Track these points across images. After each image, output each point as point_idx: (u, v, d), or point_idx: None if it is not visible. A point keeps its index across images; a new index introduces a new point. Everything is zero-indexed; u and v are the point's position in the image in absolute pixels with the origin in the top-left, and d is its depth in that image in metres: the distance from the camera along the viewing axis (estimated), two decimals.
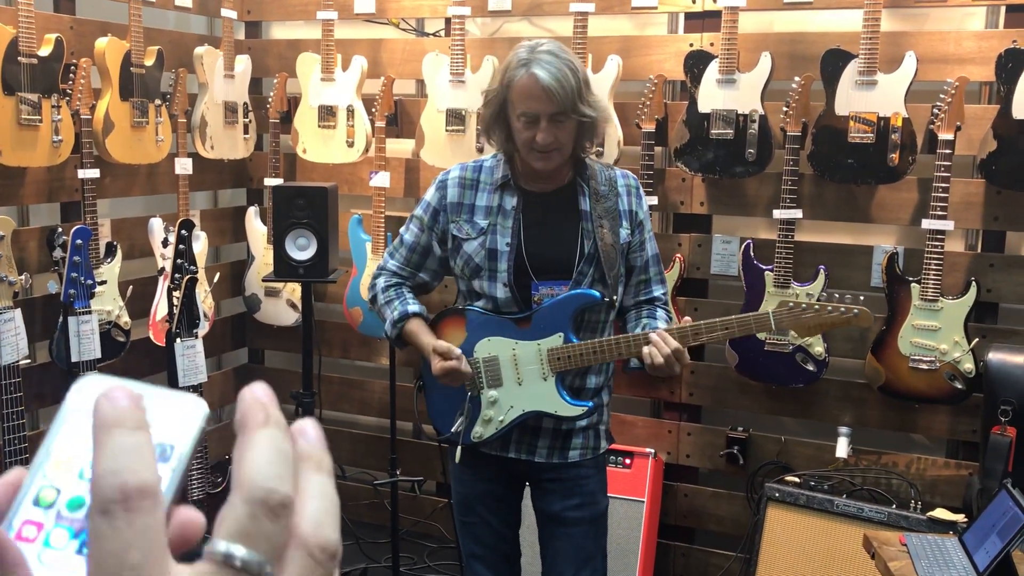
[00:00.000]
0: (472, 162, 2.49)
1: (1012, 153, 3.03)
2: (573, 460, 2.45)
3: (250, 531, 0.40)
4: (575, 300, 2.34)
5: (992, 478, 2.85)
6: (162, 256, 3.58)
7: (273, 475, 0.41)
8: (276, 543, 0.41)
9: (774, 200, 3.35)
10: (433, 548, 4.03)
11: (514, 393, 2.39)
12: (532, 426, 2.42)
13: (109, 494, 0.39)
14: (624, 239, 2.40)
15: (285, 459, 0.42)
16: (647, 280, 2.47)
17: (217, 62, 3.91)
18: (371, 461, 4.23)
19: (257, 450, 0.42)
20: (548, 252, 2.37)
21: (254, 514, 0.40)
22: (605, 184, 2.40)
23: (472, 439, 2.44)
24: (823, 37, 3.33)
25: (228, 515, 0.41)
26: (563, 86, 2.22)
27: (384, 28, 4.09)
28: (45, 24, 3.29)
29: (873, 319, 2.32)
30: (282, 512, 0.41)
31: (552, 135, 2.25)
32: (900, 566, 2.44)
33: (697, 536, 3.77)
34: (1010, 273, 3.22)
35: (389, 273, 2.52)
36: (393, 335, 2.48)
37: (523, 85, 2.25)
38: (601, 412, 2.50)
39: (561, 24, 3.74)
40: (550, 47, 2.28)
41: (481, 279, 2.40)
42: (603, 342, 2.32)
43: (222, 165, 4.09)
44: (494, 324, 2.40)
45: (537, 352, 2.36)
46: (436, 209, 2.45)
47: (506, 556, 2.60)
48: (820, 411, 3.49)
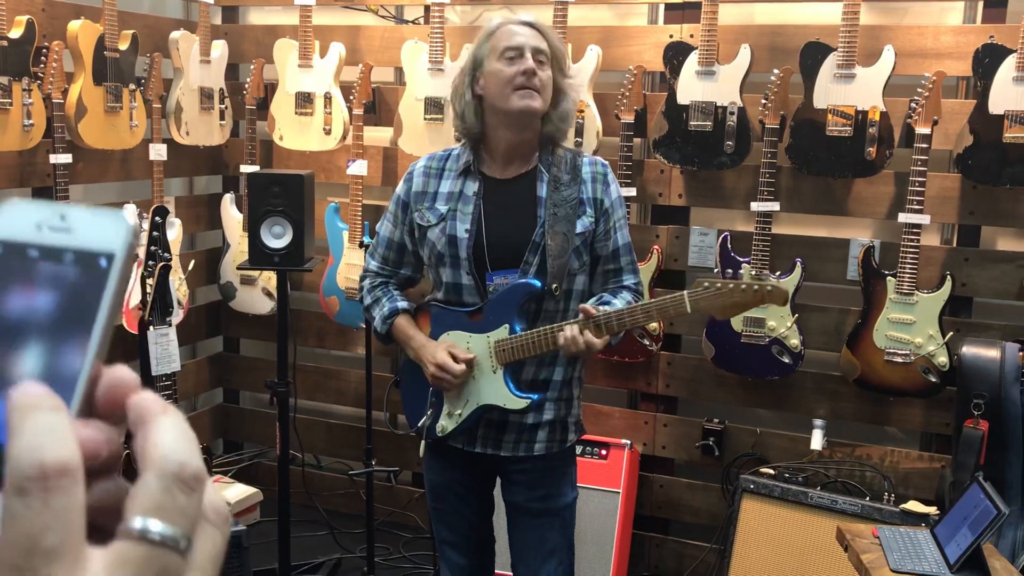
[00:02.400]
0: (442, 151, 2.48)
1: (988, 148, 3.04)
2: (539, 453, 2.43)
3: (165, 505, 0.40)
4: (516, 291, 2.31)
5: (964, 471, 2.87)
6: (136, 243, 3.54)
7: (184, 451, 0.41)
8: (192, 516, 0.41)
9: (752, 192, 3.35)
10: (408, 538, 4.02)
11: (470, 387, 2.38)
12: (497, 421, 2.40)
13: (27, 472, 0.38)
14: (586, 227, 2.35)
15: (191, 438, 0.42)
16: (617, 270, 2.41)
17: (193, 47, 3.87)
18: (347, 451, 4.22)
19: (164, 430, 0.41)
20: (504, 240, 2.34)
21: (168, 488, 0.40)
22: (568, 172, 2.36)
23: (437, 433, 2.44)
24: (802, 30, 3.33)
25: (141, 492, 0.40)
26: (549, 33, 2.33)
27: (363, 15, 4.06)
28: (16, 6, 3.23)
29: (788, 297, 2.23)
30: (196, 485, 0.41)
31: (539, 69, 2.27)
32: (872, 558, 2.45)
33: (672, 527, 3.79)
34: (984, 267, 3.24)
35: (372, 274, 2.53)
36: (383, 331, 2.48)
37: (509, 28, 2.31)
38: (570, 404, 2.47)
39: (540, 13, 3.68)
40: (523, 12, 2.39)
41: (444, 267, 2.38)
42: (538, 332, 2.29)
43: (197, 151, 4.05)
44: (451, 318, 2.40)
45: (487, 345, 2.35)
46: (404, 201, 2.45)
47: (478, 542, 2.60)
48: (795, 403, 3.50)
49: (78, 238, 0.45)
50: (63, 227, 0.45)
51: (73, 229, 0.45)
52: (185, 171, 4.18)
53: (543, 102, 2.29)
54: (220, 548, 0.43)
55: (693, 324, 3.51)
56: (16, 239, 0.45)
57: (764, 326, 3.31)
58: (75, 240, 0.45)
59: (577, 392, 2.50)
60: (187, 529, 0.40)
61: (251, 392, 4.52)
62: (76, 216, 0.45)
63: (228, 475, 4.20)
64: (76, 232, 0.45)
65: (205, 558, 0.42)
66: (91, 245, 0.45)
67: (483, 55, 2.32)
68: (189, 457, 0.41)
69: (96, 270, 0.45)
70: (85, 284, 0.44)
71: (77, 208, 0.46)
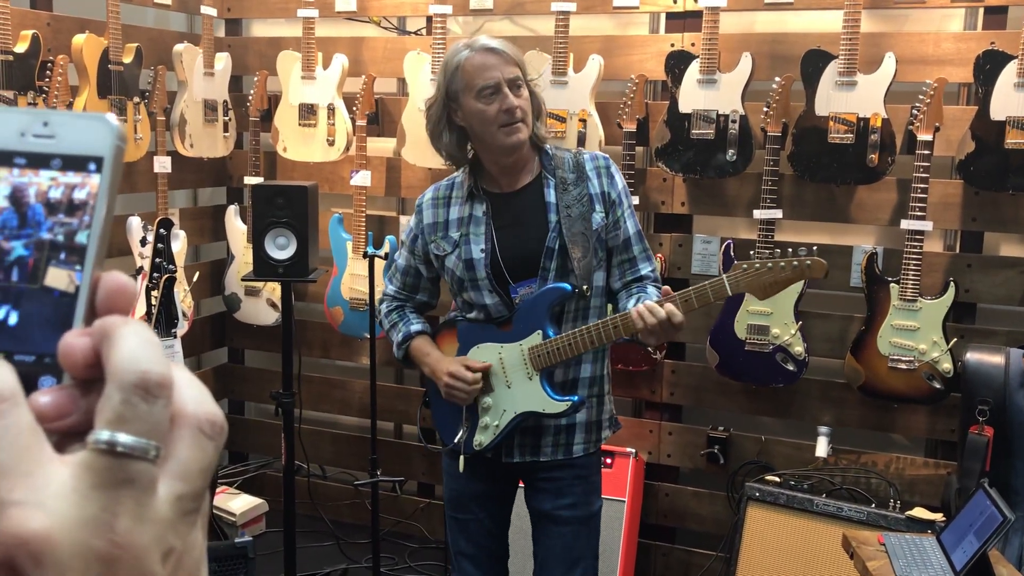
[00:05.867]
0: (445, 180, 2.51)
1: (990, 154, 3.05)
2: (578, 455, 2.44)
3: (126, 416, 0.39)
4: (546, 296, 2.33)
5: (970, 478, 2.86)
6: (140, 255, 3.55)
7: (145, 358, 0.40)
8: (156, 423, 0.40)
9: (754, 200, 3.36)
10: (414, 548, 4.01)
11: (505, 396, 2.39)
12: (533, 427, 2.41)
13: None
14: (599, 223, 2.37)
15: (155, 346, 0.41)
16: (631, 259, 2.42)
17: (197, 60, 3.89)
18: (352, 461, 4.22)
19: (125, 341, 0.41)
20: (520, 252, 2.36)
21: (128, 399, 0.40)
22: (573, 171, 2.38)
23: (474, 448, 2.44)
24: (803, 38, 3.34)
25: (104, 405, 0.40)
26: (511, 51, 2.30)
27: (365, 26, 4.07)
28: (21, 20, 3.25)
29: (827, 268, 2.25)
30: (160, 392, 0.40)
31: (516, 100, 2.28)
32: (878, 565, 2.45)
33: (678, 536, 3.78)
34: (988, 274, 3.24)
35: (390, 298, 2.58)
36: (400, 356, 2.52)
37: (473, 63, 2.28)
38: (602, 401, 2.48)
39: (542, 23, 3.73)
40: (482, 35, 2.37)
41: (467, 290, 2.40)
42: (577, 332, 2.30)
43: (202, 163, 4.06)
44: (480, 331, 2.42)
45: (520, 353, 2.36)
46: (416, 234, 2.49)
47: (495, 555, 2.60)
48: (800, 411, 3.50)
49: (64, 143, 0.44)
50: (47, 133, 0.44)
51: (58, 135, 0.44)
52: (189, 183, 4.19)
53: (528, 127, 2.32)
54: (211, 459, 0.43)
55: (697, 332, 3.52)
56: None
57: (768, 333, 3.31)
58: (61, 146, 0.44)
59: (608, 388, 2.51)
60: (154, 437, 0.40)
61: (256, 403, 4.53)
62: (59, 121, 0.44)
63: (234, 486, 4.20)
64: (61, 137, 0.44)
65: (193, 469, 0.42)
66: (78, 150, 0.44)
67: (457, 89, 2.31)
68: (151, 364, 0.40)
69: (86, 176, 0.44)
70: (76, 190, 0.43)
71: (60, 113, 0.44)
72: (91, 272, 0.43)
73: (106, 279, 0.44)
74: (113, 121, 0.44)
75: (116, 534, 0.39)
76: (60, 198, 0.44)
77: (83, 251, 0.44)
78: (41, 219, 0.44)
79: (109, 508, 0.39)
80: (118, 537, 0.39)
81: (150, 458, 0.40)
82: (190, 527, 0.42)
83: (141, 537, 0.39)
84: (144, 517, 0.40)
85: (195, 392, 0.43)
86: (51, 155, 0.44)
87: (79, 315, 0.43)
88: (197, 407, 0.42)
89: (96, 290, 0.44)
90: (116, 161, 0.44)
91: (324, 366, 4.35)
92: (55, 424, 0.41)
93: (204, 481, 0.42)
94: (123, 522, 0.39)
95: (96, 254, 0.44)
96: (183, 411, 0.42)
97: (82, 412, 0.42)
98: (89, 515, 0.39)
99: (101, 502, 0.39)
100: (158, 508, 0.40)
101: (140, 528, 0.39)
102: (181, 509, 0.41)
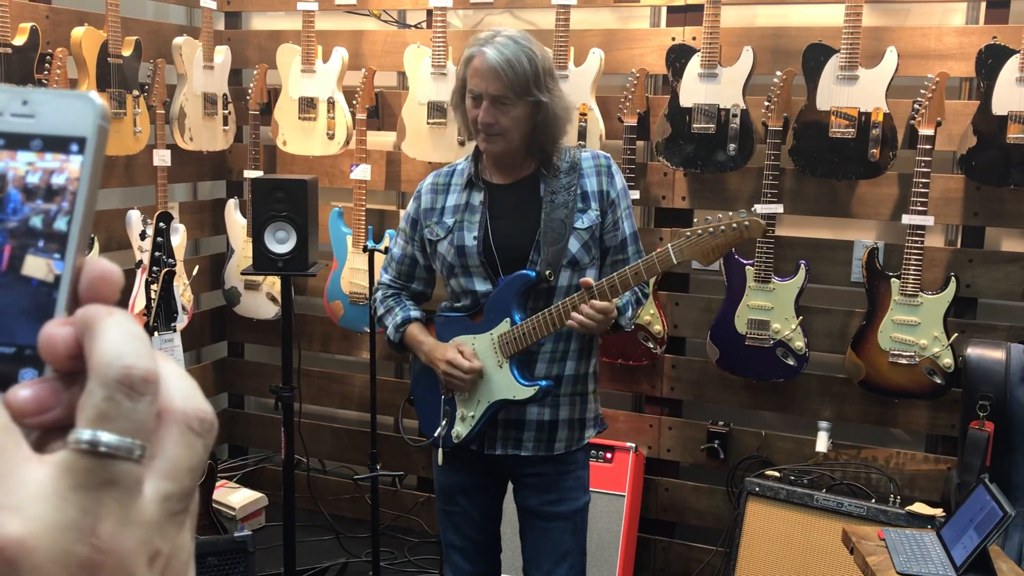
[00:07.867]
0: (446, 167, 2.53)
1: (992, 149, 3.04)
2: (559, 452, 2.45)
3: (109, 413, 0.38)
4: (512, 284, 2.35)
5: (970, 473, 2.86)
6: (140, 249, 3.55)
7: (129, 353, 0.38)
8: (142, 421, 0.38)
9: (755, 194, 3.35)
10: (414, 543, 4.02)
11: (480, 387, 2.41)
12: (515, 420, 2.42)
13: None
14: (592, 221, 2.37)
15: (139, 338, 0.39)
16: (625, 260, 2.42)
17: (196, 53, 3.87)
18: (351, 455, 4.22)
19: (107, 334, 0.39)
20: (510, 242, 2.38)
21: (111, 396, 0.38)
22: (566, 163, 2.39)
23: (453, 440, 2.45)
24: (805, 32, 3.33)
25: (85, 403, 0.38)
26: (513, 69, 2.24)
27: (365, 20, 4.06)
28: (20, 13, 3.24)
29: (764, 227, 2.29)
30: (145, 388, 0.38)
31: (492, 116, 2.27)
32: (878, 560, 2.45)
33: (678, 530, 3.78)
34: (989, 268, 3.23)
35: (385, 286, 2.59)
36: (396, 339, 2.52)
37: (474, 65, 2.30)
38: (585, 400, 2.49)
39: (543, 17, 3.72)
40: (513, 33, 2.32)
41: (457, 277, 2.42)
42: (540, 315, 2.31)
43: (201, 157, 4.05)
44: (454, 324, 2.44)
45: (491, 342, 2.38)
46: (414, 219, 2.51)
47: (485, 548, 2.60)
48: (800, 406, 3.50)
49: (44, 123, 0.42)
50: (27, 112, 0.42)
51: (38, 114, 0.42)
52: (189, 177, 4.18)
53: (506, 143, 2.32)
54: (200, 457, 0.41)
55: (698, 326, 3.51)
56: None
57: (769, 328, 3.31)
58: (41, 126, 0.42)
59: (592, 387, 2.51)
60: (139, 436, 0.38)
61: (256, 397, 4.53)
62: (40, 100, 0.42)
63: (233, 480, 4.20)
64: (42, 117, 0.42)
65: (181, 467, 0.40)
66: (59, 130, 0.42)
67: (463, 77, 2.36)
68: (136, 360, 0.38)
69: (67, 158, 0.42)
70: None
71: (40, 91, 0.43)
72: (73, 259, 0.42)
73: (89, 265, 0.42)
74: (96, 99, 0.43)
75: (98, 539, 0.37)
76: (38, 183, 0.42)
77: (64, 238, 0.42)
78: (18, 205, 0.42)
79: (91, 511, 0.37)
80: (101, 542, 0.37)
81: (135, 458, 0.38)
82: (178, 528, 0.40)
83: (125, 541, 0.38)
84: (129, 520, 0.38)
85: (183, 387, 0.41)
86: (31, 135, 0.42)
87: (60, 304, 0.41)
88: (185, 403, 0.41)
89: (79, 275, 0.42)
90: (100, 142, 0.42)
91: (324, 360, 4.35)
92: (37, 419, 0.39)
93: (192, 480, 0.41)
94: (106, 526, 0.37)
95: (79, 241, 0.42)
96: (171, 407, 0.40)
97: (65, 406, 0.40)
98: (69, 519, 0.37)
99: (82, 505, 0.37)
100: (143, 510, 0.38)
101: (124, 532, 0.38)
102: (168, 510, 0.39)
